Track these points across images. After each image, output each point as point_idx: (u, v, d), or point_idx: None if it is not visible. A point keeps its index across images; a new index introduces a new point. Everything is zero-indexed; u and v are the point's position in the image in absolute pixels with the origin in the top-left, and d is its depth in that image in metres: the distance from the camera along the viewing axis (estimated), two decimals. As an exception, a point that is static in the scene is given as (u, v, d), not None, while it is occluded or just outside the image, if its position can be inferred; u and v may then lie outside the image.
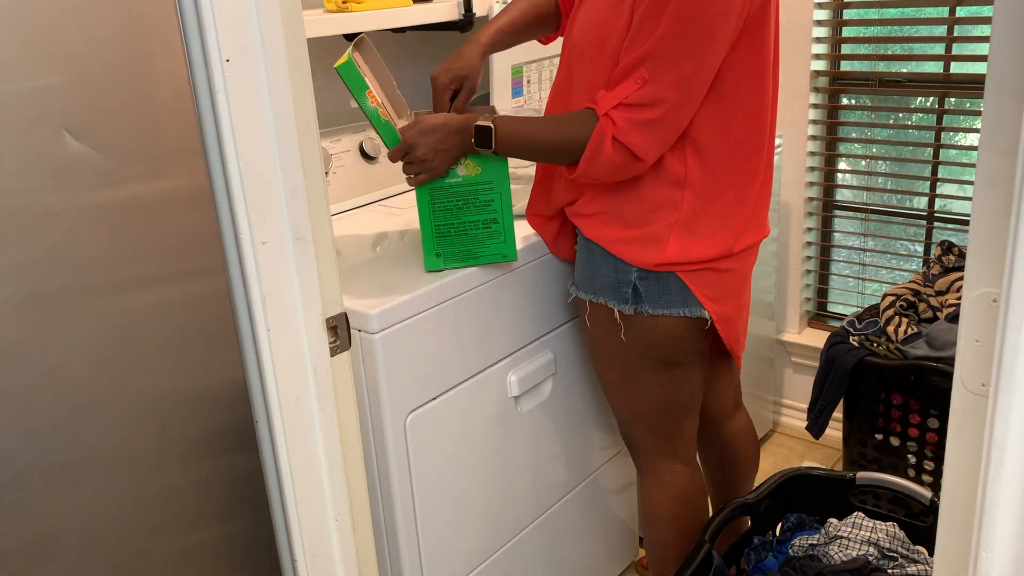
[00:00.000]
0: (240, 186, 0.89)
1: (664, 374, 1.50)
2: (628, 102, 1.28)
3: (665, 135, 1.32)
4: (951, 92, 2.21)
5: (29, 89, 0.78)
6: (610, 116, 1.29)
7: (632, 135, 1.29)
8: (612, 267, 1.43)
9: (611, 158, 1.31)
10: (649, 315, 1.43)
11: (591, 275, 1.47)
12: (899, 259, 2.43)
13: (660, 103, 1.28)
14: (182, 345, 0.94)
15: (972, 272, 0.71)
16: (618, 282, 1.43)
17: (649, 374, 1.50)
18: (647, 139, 1.30)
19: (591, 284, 1.48)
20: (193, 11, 0.85)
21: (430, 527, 1.47)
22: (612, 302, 1.45)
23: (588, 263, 1.48)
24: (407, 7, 1.77)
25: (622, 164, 1.32)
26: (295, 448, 1.00)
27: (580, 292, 1.51)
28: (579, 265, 1.51)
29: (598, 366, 1.58)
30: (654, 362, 1.48)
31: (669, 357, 1.48)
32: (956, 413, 0.75)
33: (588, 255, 1.47)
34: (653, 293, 1.42)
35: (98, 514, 0.91)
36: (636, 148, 1.30)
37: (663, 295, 1.42)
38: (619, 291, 1.44)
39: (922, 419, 1.95)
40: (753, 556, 1.64)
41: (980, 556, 0.73)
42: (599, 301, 1.47)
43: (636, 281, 1.42)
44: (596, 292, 1.47)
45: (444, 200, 1.42)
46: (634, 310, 1.43)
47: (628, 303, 1.43)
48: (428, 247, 1.44)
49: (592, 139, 1.31)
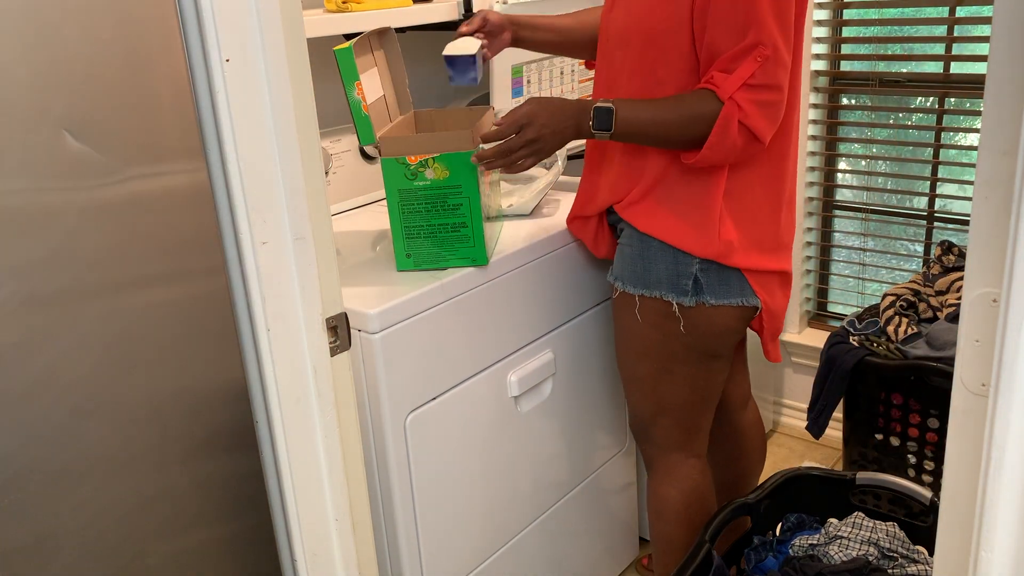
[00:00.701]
0: (240, 186, 0.89)
1: (702, 367, 1.51)
2: (753, 82, 1.29)
3: (779, 115, 1.34)
4: (951, 92, 2.21)
5: (29, 89, 0.78)
6: (735, 100, 1.30)
7: (757, 118, 1.30)
8: (671, 259, 1.43)
9: (735, 143, 1.32)
10: (711, 306, 1.44)
11: (644, 269, 1.46)
12: (899, 259, 2.43)
13: (779, 84, 1.30)
14: (182, 345, 0.94)
15: (972, 272, 0.71)
16: (677, 274, 1.43)
17: (687, 368, 1.51)
18: (768, 122, 1.32)
19: (644, 278, 1.47)
20: (193, 11, 0.85)
21: (430, 527, 1.47)
22: (670, 295, 1.45)
23: (640, 257, 1.47)
24: (407, 7, 1.77)
25: (744, 147, 1.33)
26: (295, 448, 1.00)
27: (628, 287, 1.50)
28: (626, 260, 1.50)
29: (629, 359, 1.57)
30: (699, 355, 1.49)
31: (715, 349, 1.50)
32: (956, 413, 0.75)
33: (641, 249, 1.46)
34: (714, 283, 1.43)
35: (98, 514, 0.91)
36: (758, 130, 1.31)
37: (723, 285, 1.43)
38: (678, 283, 1.44)
39: (922, 419, 1.95)
40: (753, 556, 1.64)
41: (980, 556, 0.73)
42: (654, 295, 1.46)
43: (697, 272, 1.42)
44: (650, 286, 1.46)
45: (413, 202, 1.42)
46: (696, 301, 1.44)
47: (688, 295, 1.43)
48: (398, 248, 1.45)
49: (718, 123, 1.31)
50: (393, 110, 1.59)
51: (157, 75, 0.86)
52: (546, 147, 1.38)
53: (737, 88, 1.29)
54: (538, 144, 1.37)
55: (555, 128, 1.37)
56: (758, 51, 1.28)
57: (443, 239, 1.44)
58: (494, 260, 1.50)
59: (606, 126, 1.35)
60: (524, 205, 1.72)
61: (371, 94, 1.46)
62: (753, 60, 1.28)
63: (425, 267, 1.46)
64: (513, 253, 1.54)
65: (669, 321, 1.47)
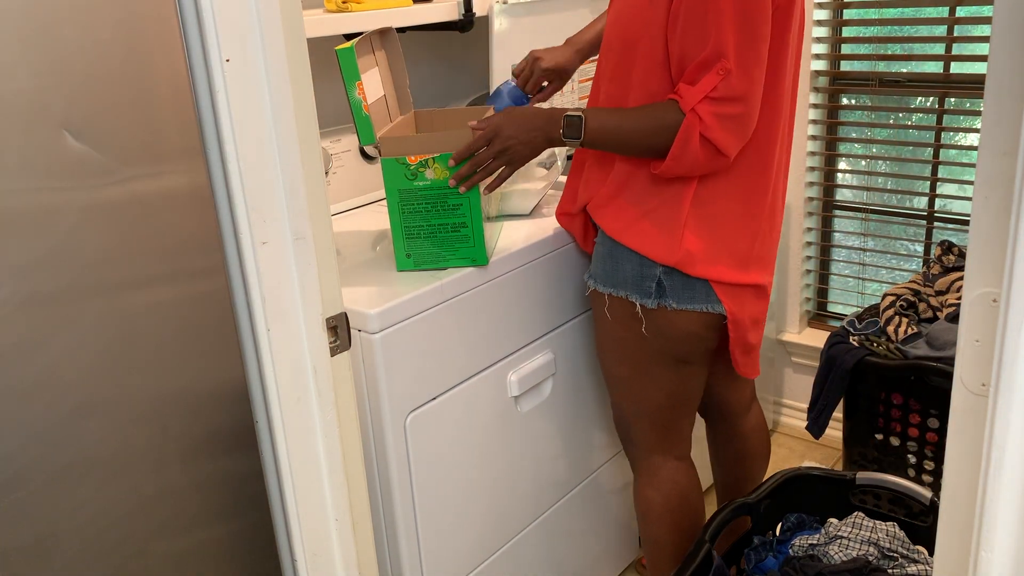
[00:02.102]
0: (240, 186, 0.89)
1: (673, 371, 1.51)
2: (715, 95, 1.29)
3: (745, 129, 1.33)
4: (951, 92, 2.21)
5: (29, 89, 0.78)
6: (696, 112, 1.30)
7: (718, 131, 1.30)
8: (636, 261, 1.44)
9: (697, 155, 1.32)
10: (672, 310, 1.44)
11: (612, 268, 1.48)
12: (899, 259, 2.43)
13: (744, 98, 1.29)
14: (182, 345, 0.94)
15: (972, 272, 0.71)
16: (642, 276, 1.44)
17: (659, 370, 1.51)
18: (731, 136, 1.31)
19: (612, 278, 1.48)
20: (193, 11, 0.85)
21: (430, 527, 1.47)
22: (634, 296, 1.45)
23: (610, 256, 1.48)
24: (407, 7, 1.77)
25: (707, 160, 1.33)
26: (295, 448, 1.00)
27: (599, 285, 1.51)
28: (598, 259, 1.51)
29: (607, 360, 1.58)
30: (667, 358, 1.49)
31: (682, 354, 1.49)
32: (956, 413, 0.75)
33: (611, 248, 1.47)
34: (678, 288, 1.43)
35: (98, 514, 0.91)
36: (721, 144, 1.31)
37: (687, 290, 1.43)
38: (642, 285, 1.44)
39: (922, 419, 1.95)
40: (753, 556, 1.64)
41: (980, 556, 0.73)
42: (620, 295, 1.47)
43: (661, 276, 1.42)
44: (617, 286, 1.48)
45: (413, 202, 1.42)
46: (657, 304, 1.44)
47: (651, 297, 1.44)
48: (398, 248, 1.45)
49: (679, 136, 1.31)
50: (393, 110, 1.59)
51: (157, 75, 0.86)
52: (517, 156, 1.41)
53: (699, 101, 1.29)
54: (508, 154, 1.40)
55: (523, 138, 1.39)
56: (720, 64, 1.27)
57: (443, 239, 1.44)
58: (494, 260, 1.50)
59: (576, 134, 1.38)
60: (524, 205, 1.72)
61: (372, 94, 1.46)
62: (715, 73, 1.28)
63: (425, 267, 1.46)
64: (513, 253, 1.54)
65: (634, 321, 1.48)
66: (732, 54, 1.27)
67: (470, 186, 1.40)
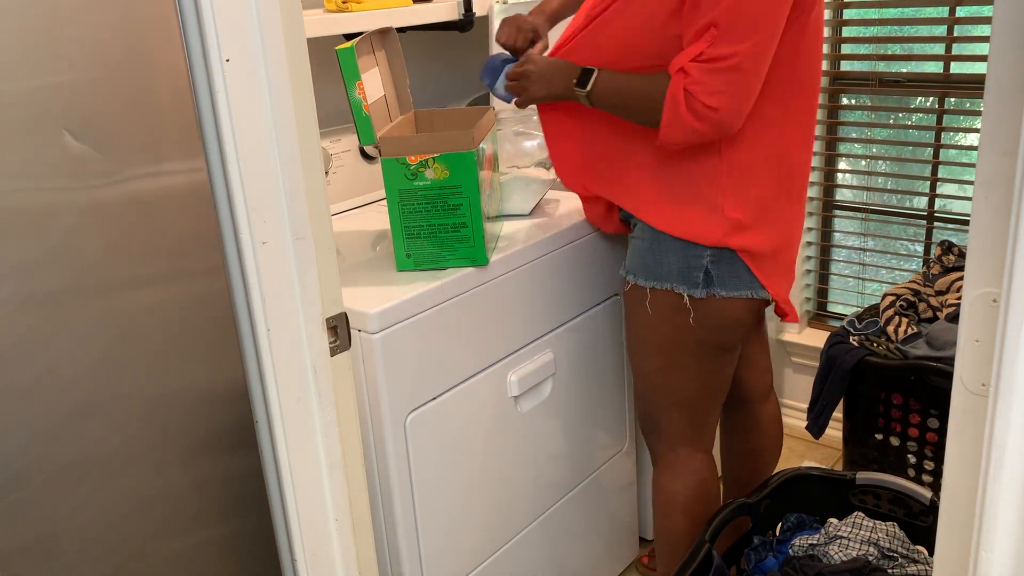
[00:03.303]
0: (240, 186, 0.89)
1: (711, 360, 1.53)
2: (702, 58, 1.30)
3: (738, 86, 1.31)
4: (951, 92, 2.21)
5: (29, 89, 0.78)
6: (684, 69, 1.31)
7: (704, 82, 1.29)
8: (681, 252, 1.44)
9: (687, 116, 1.32)
10: (721, 298, 1.45)
11: (655, 262, 1.48)
12: (899, 259, 2.43)
13: (732, 54, 1.29)
14: (182, 345, 0.94)
15: (972, 272, 0.71)
16: (688, 267, 1.45)
17: (697, 361, 1.52)
18: (720, 84, 1.30)
19: (655, 271, 1.48)
20: (193, 11, 0.85)
21: (430, 527, 1.47)
22: (681, 287, 1.46)
23: (651, 250, 1.48)
24: (407, 7, 1.77)
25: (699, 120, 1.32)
26: (295, 448, 1.00)
27: (639, 280, 1.51)
28: (637, 253, 1.51)
29: (640, 351, 1.58)
30: (709, 348, 1.51)
31: (725, 342, 1.51)
32: (956, 413, 0.75)
33: (652, 242, 1.48)
34: (725, 276, 1.44)
35: (98, 514, 0.91)
36: (709, 97, 1.30)
37: (733, 277, 1.44)
38: (689, 276, 1.45)
39: (922, 419, 1.95)
40: (753, 556, 1.64)
41: (980, 556, 0.73)
42: (664, 287, 1.48)
43: (708, 264, 1.43)
44: (661, 279, 1.48)
45: (413, 202, 1.42)
46: (706, 293, 1.45)
47: (699, 287, 1.45)
48: (398, 248, 1.45)
49: (667, 98, 1.32)
50: (393, 110, 1.59)
51: (157, 75, 0.86)
52: (531, 89, 1.47)
53: (686, 61, 1.31)
54: (525, 83, 1.46)
55: (545, 74, 1.46)
56: (709, 32, 1.29)
57: (443, 239, 1.44)
58: (494, 260, 1.50)
59: (584, 84, 1.41)
60: (524, 205, 1.72)
61: (372, 94, 1.46)
62: (704, 41, 1.29)
63: (425, 267, 1.46)
64: (513, 253, 1.54)
65: (680, 314, 1.48)
66: (724, 22, 1.28)
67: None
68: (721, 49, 1.29)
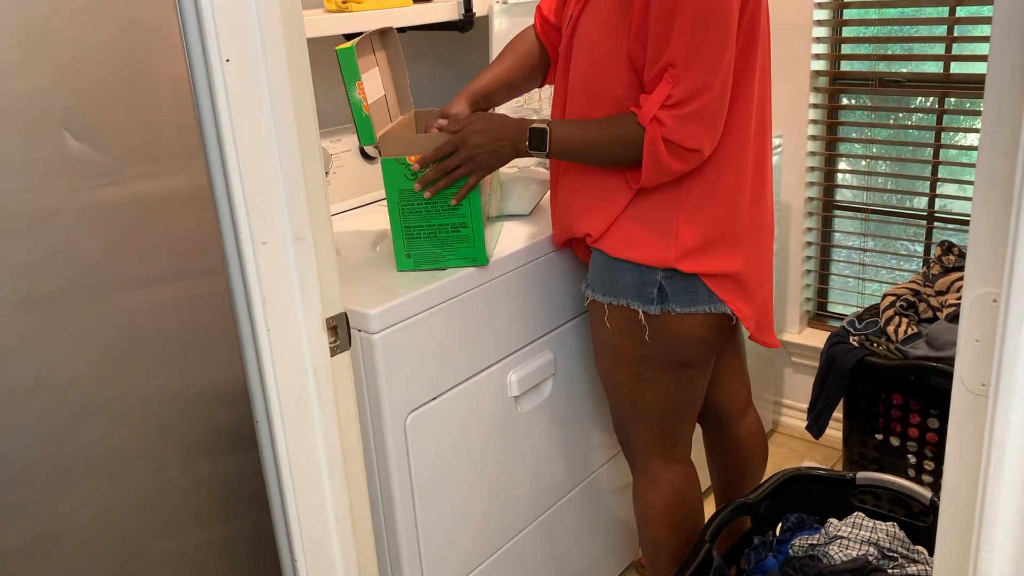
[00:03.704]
0: (240, 186, 0.89)
1: (675, 375, 1.50)
2: (669, 102, 1.30)
3: (712, 120, 1.33)
4: (951, 92, 2.21)
5: (29, 89, 0.78)
6: (657, 119, 1.30)
7: (682, 131, 1.30)
8: (636, 269, 1.43)
9: (669, 162, 1.32)
10: (676, 314, 1.43)
11: (610, 277, 1.47)
12: (899, 259, 2.43)
13: (699, 93, 1.29)
14: (182, 345, 0.94)
15: (972, 272, 0.71)
16: (642, 283, 1.43)
17: (660, 375, 1.50)
18: (697, 129, 1.31)
19: (611, 287, 1.47)
20: (193, 11, 0.85)
21: (430, 527, 1.47)
22: (636, 303, 1.44)
23: (607, 266, 1.47)
24: (407, 7, 1.77)
25: (682, 163, 1.33)
26: (295, 448, 1.00)
27: (597, 295, 1.50)
28: (594, 268, 1.50)
29: (605, 365, 1.57)
30: (670, 363, 1.48)
31: (686, 358, 1.48)
32: (956, 413, 0.75)
33: (607, 257, 1.46)
34: (680, 291, 1.42)
35: (98, 514, 0.91)
36: (689, 141, 1.31)
37: (689, 292, 1.42)
38: (643, 292, 1.43)
39: (922, 419, 1.95)
40: (753, 556, 1.64)
41: (980, 556, 0.73)
42: (620, 303, 1.46)
43: (662, 281, 1.42)
44: (617, 294, 1.46)
45: (413, 202, 1.42)
46: (660, 310, 1.43)
47: (654, 303, 1.43)
48: (398, 248, 1.45)
49: (646, 149, 1.32)
50: (394, 110, 1.59)
51: (157, 75, 0.86)
52: (484, 164, 1.40)
53: (656, 109, 1.30)
54: (474, 162, 1.39)
55: (490, 147, 1.39)
56: (669, 73, 1.29)
57: (443, 239, 1.44)
58: (494, 260, 1.50)
59: (541, 146, 1.39)
60: (524, 205, 1.72)
61: (372, 94, 1.46)
62: (666, 83, 1.29)
63: (425, 267, 1.46)
64: (513, 253, 1.54)
65: (637, 329, 1.47)
66: (681, 61, 1.27)
67: (434, 192, 1.40)
68: (686, 87, 1.29)
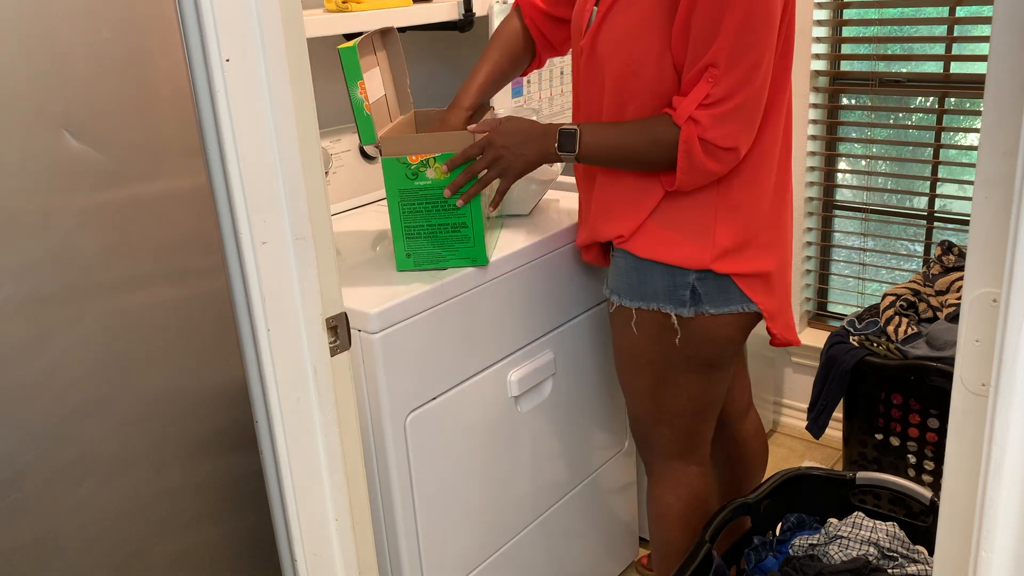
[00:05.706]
0: (240, 186, 0.89)
1: (702, 377, 1.49)
2: (707, 102, 1.28)
3: (748, 118, 1.32)
4: (951, 92, 2.21)
5: (29, 89, 0.78)
6: (693, 118, 1.29)
7: (718, 129, 1.29)
8: (666, 271, 1.41)
9: (705, 163, 1.31)
10: (710, 315, 1.42)
11: (639, 281, 1.44)
12: (899, 259, 2.43)
13: (737, 92, 1.28)
14: (182, 345, 0.94)
15: (972, 272, 0.71)
16: (674, 285, 1.41)
17: (687, 377, 1.49)
18: (733, 127, 1.30)
19: (640, 291, 1.45)
20: (193, 11, 0.85)
21: (430, 527, 1.47)
22: (668, 307, 1.43)
23: (634, 270, 1.45)
24: (407, 7, 1.77)
25: (719, 163, 1.32)
26: (295, 448, 1.00)
27: (624, 300, 1.48)
28: (620, 273, 1.48)
29: (629, 372, 1.55)
30: (699, 365, 1.47)
31: (716, 359, 1.48)
32: (956, 413, 0.75)
33: (634, 261, 1.44)
34: (713, 292, 1.41)
35: (98, 514, 0.91)
36: (725, 140, 1.30)
37: (722, 293, 1.41)
38: (676, 295, 1.42)
39: (922, 419, 1.95)
40: (753, 556, 1.64)
41: (980, 556, 0.73)
42: (651, 308, 1.44)
43: (695, 282, 1.40)
44: (647, 299, 1.44)
45: (413, 202, 1.42)
46: (695, 312, 1.42)
47: (687, 306, 1.42)
48: (399, 248, 1.44)
49: (680, 149, 1.30)
50: (394, 110, 1.59)
51: (157, 75, 0.86)
52: (511, 168, 1.40)
53: (694, 108, 1.29)
54: (502, 164, 1.39)
55: (517, 150, 1.39)
56: (709, 72, 1.27)
57: (443, 239, 1.44)
58: (494, 260, 1.50)
59: (570, 148, 1.38)
60: (524, 205, 1.72)
61: (373, 94, 1.46)
62: (705, 82, 1.28)
63: (425, 267, 1.46)
64: (513, 253, 1.54)
65: (668, 333, 1.45)
66: (723, 61, 1.26)
67: (467, 198, 1.39)
68: (725, 87, 1.27)
